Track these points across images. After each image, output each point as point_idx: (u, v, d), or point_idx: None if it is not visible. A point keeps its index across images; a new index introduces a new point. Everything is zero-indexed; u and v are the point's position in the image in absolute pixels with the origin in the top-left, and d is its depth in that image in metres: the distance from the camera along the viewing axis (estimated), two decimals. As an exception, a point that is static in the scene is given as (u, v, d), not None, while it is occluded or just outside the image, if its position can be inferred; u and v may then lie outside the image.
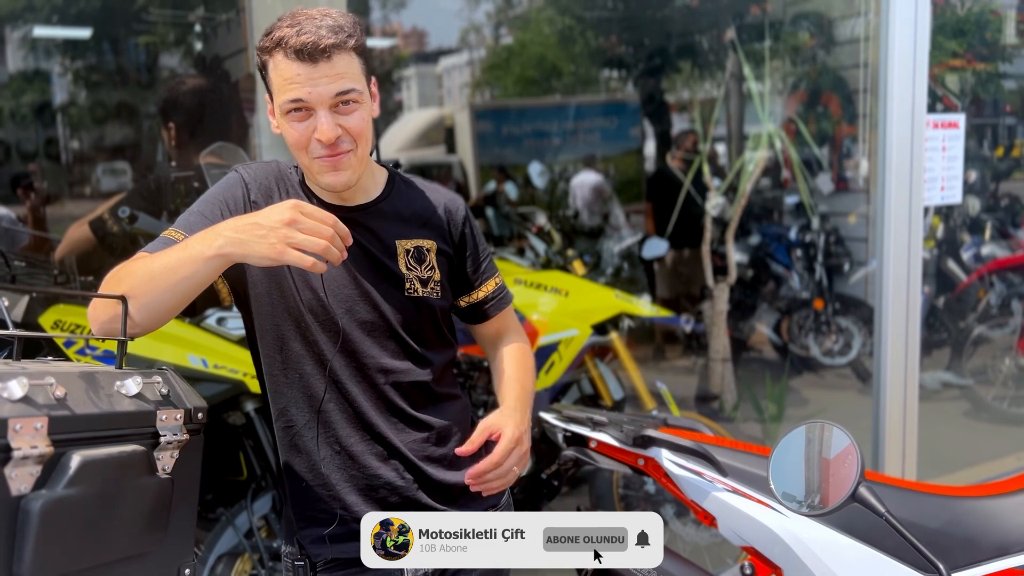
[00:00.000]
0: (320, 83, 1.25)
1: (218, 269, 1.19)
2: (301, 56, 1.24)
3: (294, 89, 1.26)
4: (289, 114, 1.28)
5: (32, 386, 0.96)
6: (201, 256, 1.16)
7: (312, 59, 1.24)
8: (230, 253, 1.15)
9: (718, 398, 4.13)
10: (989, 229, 5.18)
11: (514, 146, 8.20)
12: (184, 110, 2.46)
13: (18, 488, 0.93)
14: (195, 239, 1.19)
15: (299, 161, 1.35)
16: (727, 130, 6.55)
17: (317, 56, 1.24)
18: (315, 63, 1.25)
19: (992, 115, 5.27)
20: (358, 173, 1.34)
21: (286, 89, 1.26)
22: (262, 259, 1.14)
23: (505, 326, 1.60)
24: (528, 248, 3.69)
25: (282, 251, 1.13)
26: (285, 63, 1.26)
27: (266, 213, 1.17)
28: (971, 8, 4.41)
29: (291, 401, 1.40)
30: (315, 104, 1.27)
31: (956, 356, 4.76)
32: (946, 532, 1.62)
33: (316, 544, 1.40)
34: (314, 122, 1.27)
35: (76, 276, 2.28)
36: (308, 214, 1.16)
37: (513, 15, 11.40)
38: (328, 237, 1.15)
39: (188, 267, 1.17)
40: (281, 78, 1.27)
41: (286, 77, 1.26)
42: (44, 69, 7.35)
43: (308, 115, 1.28)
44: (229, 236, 1.15)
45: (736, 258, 4.37)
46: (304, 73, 1.25)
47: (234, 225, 1.17)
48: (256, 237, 1.14)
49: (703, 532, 2.88)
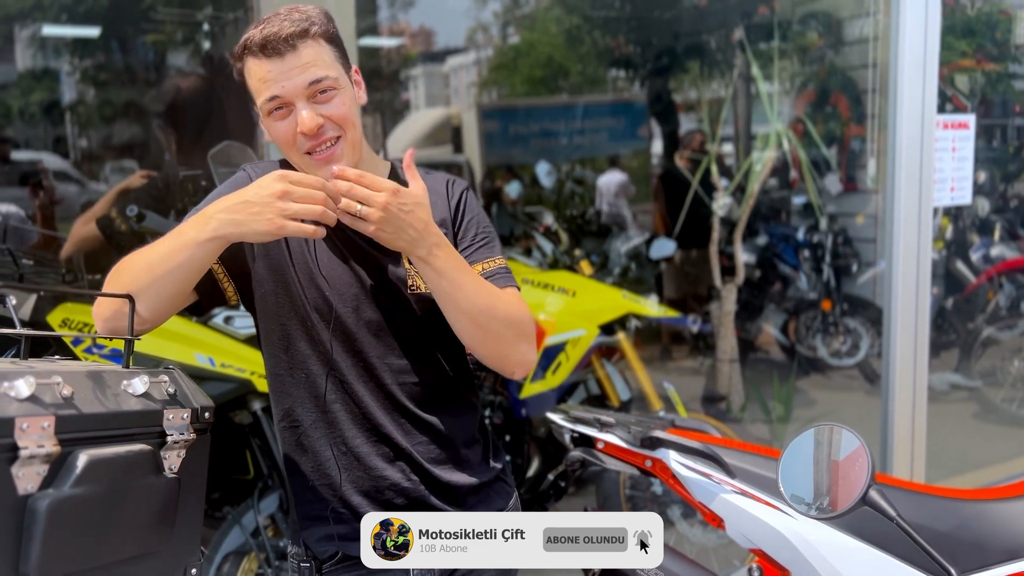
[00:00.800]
0: (291, 75, 1.24)
1: (214, 252, 1.18)
2: (267, 51, 1.23)
3: (268, 86, 1.24)
4: (271, 115, 1.27)
5: (39, 385, 0.95)
6: (195, 241, 1.16)
7: (278, 52, 1.23)
8: (226, 234, 1.15)
9: (725, 399, 4.12)
10: (998, 230, 5.16)
11: (521, 146, 8.19)
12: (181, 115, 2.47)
13: (25, 487, 0.93)
14: (187, 225, 1.19)
15: (292, 162, 1.33)
16: (735, 130, 6.53)
17: (282, 48, 1.23)
18: (282, 56, 1.23)
19: (1002, 115, 5.24)
20: (354, 159, 1.32)
21: (261, 89, 1.25)
22: (260, 236, 1.14)
23: None
24: (535, 248, 3.69)
25: (281, 224, 1.12)
26: (255, 63, 1.25)
27: (254, 190, 1.16)
28: (981, 8, 4.39)
29: (297, 401, 1.39)
30: (291, 97, 1.25)
31: (965, 357, 4.73)
32: (955, 536, 1.61)
33: (322, 543, 1.39)
34: (296, 117, 1.26)
35: (84, 274, 2.29)
36: (297, 182, 1.15)
37: (520, 15, 11.38)
38: (321, 201, 1.15)
39: (183, 253, 1.16)
40: (255, 79, 1.26)
41: (259, 77, 1.25)
42: (53, 68, 7.37)
43: (289, 112, 1.26)
44: (222, 218, 1.15)
45: (744, 259, 4.35)
46: (274, 69, 1.24)
47: (224, 206, 1.16)
48: (251, 215, 1.13)
49: (710, 534, 2.87)
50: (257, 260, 1.35)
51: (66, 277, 2.24)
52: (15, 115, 7.28)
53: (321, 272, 1.35)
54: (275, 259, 1.35)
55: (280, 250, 1.35)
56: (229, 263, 1.35)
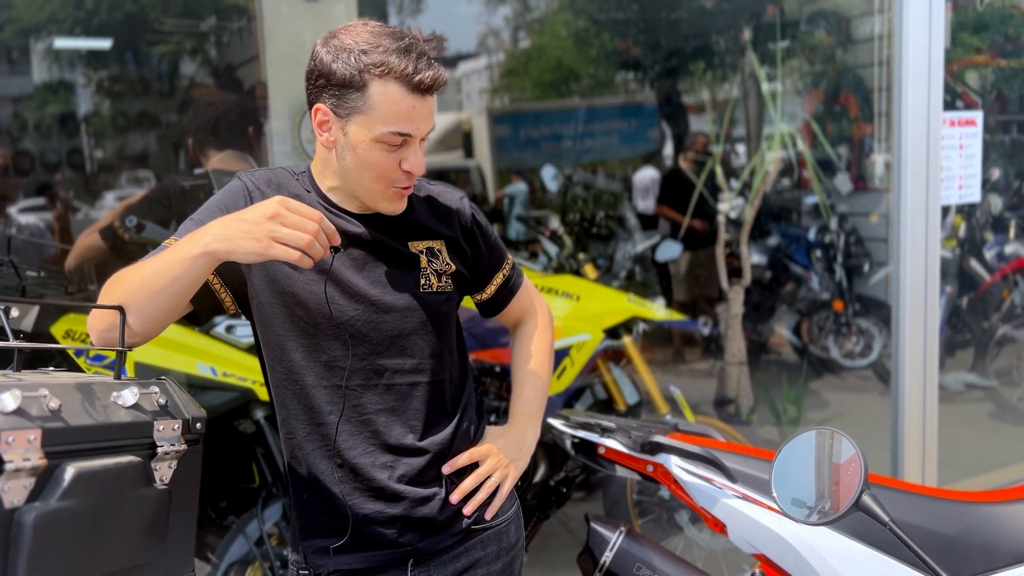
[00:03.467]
0: (426, 120, 1.28)
1: (206, 268, 1.18)
2: (419, 90, 1.25)
3: (406, 121, 1.26)
4: (380, 143, 1.28)
5: (25, 398, 0.96)
6: (188, 256, 1.16)
7: (427, 93, 1.26)
8: (216, 250, 1.15)
9: (734, 402, 4.10)
10: (1013, 227, 5.10)
11: (532, 150, 8.20)
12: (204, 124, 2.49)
13: (11, 501, 0.93)
14: (183, 240, 1.20)
15: (368, 186, 1.33)
16: (745, 131, 6.50)
17: (430, 91, 1.27)
18: (425, 97, 1.27)
19: (1017, 111, 5.19)
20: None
21: (396, 120, 1.26)
22: (247, 254, 1.14)
23: (522, 309, 1.62)
24: (541, 252, 3.68)
25: (267, 245, 1.13)
26: (400, 93, 1.25)
27: (252, 209, 1.17)
28: (992, 3, 4.35)
29: (295, 412, 1.39)
30: (415, 138, 1.29)
31: (980, 357, 4.69)
32: (963, 539, 1.59)
33: (319, 555, 1.39)
34: (403, 153, 1.29)
35: (94, 284, 2.30)
36: (292, 209, 1.15)
37: (531, 19, 11.39)
38: (312, 232, 1.15)
39: (176, 268, 1.17)
40: (393, 107, 1.25)
41: (401, 108, 1.25)
42: (68, 80, 7.45)
43: (400, 146, 1.29)
44: (215, 233, 1.15)
45: (754, 260, 4.33)
46: (419, 107, 1.26)
47: (221, 223, 1.17)
48: (241, 233, 1.14)
49: (718, 538, 2.84)
50: (253, 270, 1.35)
51: (69, 288, 2.26)
52: (31, 128, 7.35)
53: (330, 276, 1.34)
54: (273, 268, 1.35)
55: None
56: (226, 274, 1.35)
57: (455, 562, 1.43)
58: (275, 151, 2.98)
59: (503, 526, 1.49)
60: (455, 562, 1.43)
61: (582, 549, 1.74)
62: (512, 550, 1.51)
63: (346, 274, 1.35)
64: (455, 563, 1.43)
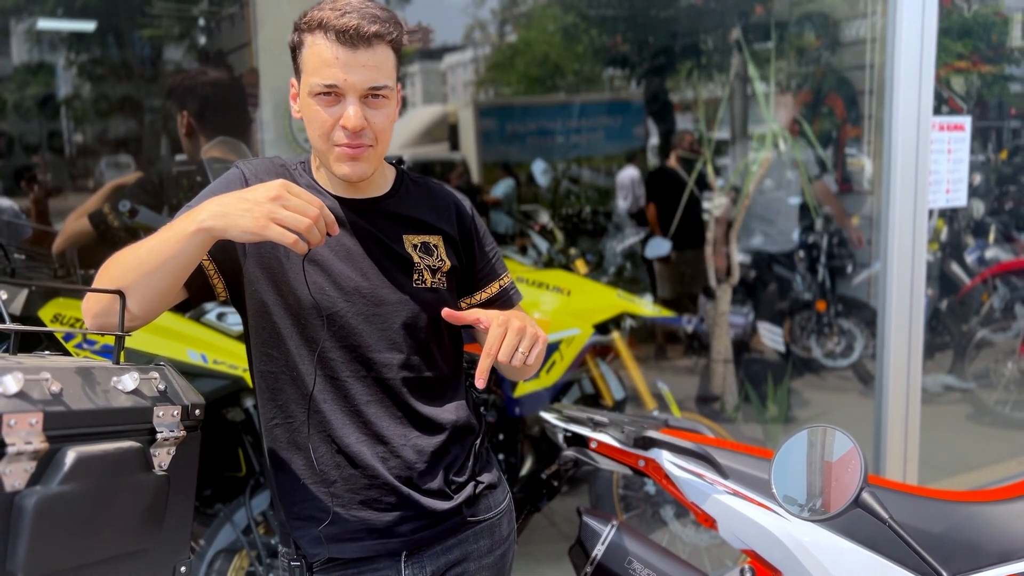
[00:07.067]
0: (357, 71, 1.25)
1: (202, 245, 1.17)
2: (342, 39, 1.24)
3: (330, 72, 1.25)
4: (318, 96, 1.27)
5: (27, 381, 0.94)
6: (183, 233, 1.15)
7: (353, 44, 1.24)
8: (212, 227, 1.14)
9: (719, 399, 4.12)
10: (993, 232, 5.17)
11: (518, 144, 8.19)
12: (200, 99, 2.46)
13: (12, 484, 0.92)
14: (180, 218, 1.19)
15: (317, 148, 1.33)
16: (731, 130, 6.54)
17: (358, 42, 1.24)
18: (355, 49, 1.24)
19: (997, 118, 5.26)
20: (373, 168, 1.34)
21: (321, 71, 1.26)
22: (244, 232, 1.13)
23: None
24: (531, 246, 3.68)
25: (265, 225, 1.12)
26: (324, 43, 1.25)
27: (254, 189, 1.16)
28: (977, 10, 4.40)
29: (289, 399, 1.38)
30: (347, 91, 1.26)
31: (959, 359, 4.74)
32: (948, 537, 1.61)
33: (313, 544, 1.39)
34: (341, 108, 1.27)
35: (77, 269, 2.27)
36: (295, 193, 1.15)
37: (518, 12, 11.37)
38: (312, 217, 1.14)
39: (172, 246, 1.16)
40: (318, 59, 1.26)
41: (324, 58, 1.25)
42: (48, 62, 7.34)
43: (336, 101, 1.27)
44: (212, 210, 1.14)
45: (739, 259, 4.36)
46: (343, 57, 1.24)
47: (220, 200, 1.16)
48: (240, 211, 1.13)
49: (703, 534, 2.87)
50: (248, 258, 1.34)
51: (58, 272, 2.23)
52: (9, 110, 7.24)
53: (322, 266, 1.34)
54: (267, 256, 1.34)
55: (273, 247, 1.34)
56: (220, 260, 1.34)
57: (448, 554, 1.43)
58: (265, 139, 2.96)
59: (496, 519, 1.50)
60: (448, 554, 1.43)
61: (573, 542, 1.75)
62: (504, 543, 1.52)
63: (338, 265, 1.34)
64: (448, 555, 1.43)
